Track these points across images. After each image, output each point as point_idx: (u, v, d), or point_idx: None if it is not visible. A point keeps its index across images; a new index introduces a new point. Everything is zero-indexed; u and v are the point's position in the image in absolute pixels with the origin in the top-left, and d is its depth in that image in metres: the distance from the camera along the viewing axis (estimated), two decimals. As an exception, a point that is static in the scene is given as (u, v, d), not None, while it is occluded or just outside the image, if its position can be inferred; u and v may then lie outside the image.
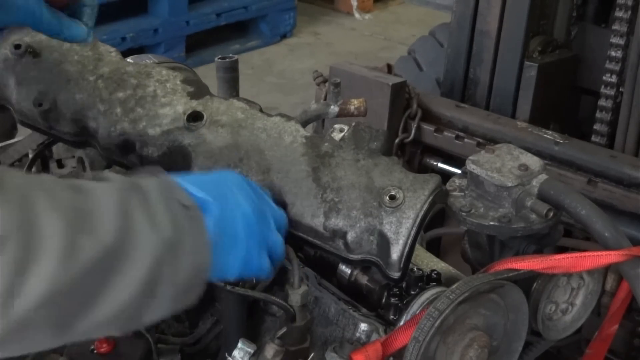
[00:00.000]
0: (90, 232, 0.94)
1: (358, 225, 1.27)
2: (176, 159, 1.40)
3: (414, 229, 1.25)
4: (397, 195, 1.27)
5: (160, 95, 1.45)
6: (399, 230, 1.25)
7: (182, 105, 1.44)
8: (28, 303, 0.89)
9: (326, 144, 1.37)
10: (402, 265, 1.25)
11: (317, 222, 1.29)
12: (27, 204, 0.90)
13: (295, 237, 1.31)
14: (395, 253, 1.25)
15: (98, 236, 0.95)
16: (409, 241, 1.25)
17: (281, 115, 1.43)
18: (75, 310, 0.95)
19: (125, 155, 1.45)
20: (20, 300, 0.88)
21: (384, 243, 1.26)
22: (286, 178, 1.33)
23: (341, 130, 1.41)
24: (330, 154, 1.35)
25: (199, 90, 1.47)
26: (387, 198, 1.27)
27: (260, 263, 1.19)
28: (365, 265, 1.35)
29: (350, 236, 1.28)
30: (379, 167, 1.32)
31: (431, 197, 1.27)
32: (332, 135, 1.41)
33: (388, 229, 1.26)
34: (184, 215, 1.07)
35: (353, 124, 1.40)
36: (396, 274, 1.26)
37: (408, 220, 1.25)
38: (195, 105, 1.44)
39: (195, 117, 1.42)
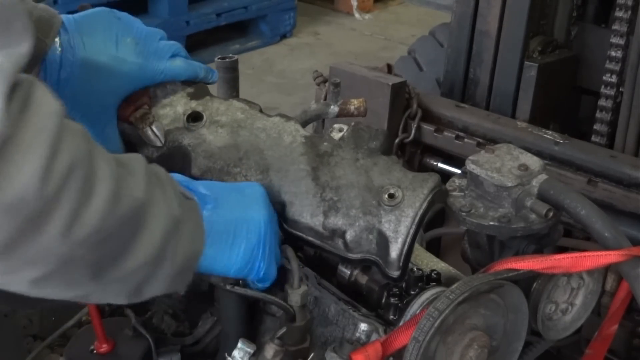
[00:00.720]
0: (127, 187, 1.00)
1: (357, 224, 1.27)
2: (176, 159, 1.40)
3: (413, 227, 1.25)
4: (396, 194, 1.27)
5: (160, 96, 1.45)
6: (398, 228, 1.25)
7: (182, 105, 1.44)
8: (81, 234, 0.92)
9: (325, 144, 1.36)
10: (401, 264, 1.25)
11: (317, 221, 1.29)
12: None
13: (295, 236, 1.31)
14: (394, 251, 1.25)
15: (132, 192, 1.00)
16: (408, 239, 1.25)
17: (281, 115, 1.43)
18: (111, 255, 1.00)
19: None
20: (77, 229, 0.92)
21: (383, 242, 1.26)
22: (285, 177, 1.33)
23: (340, 130, 1.41)
24: (330, 153, 1.35)
25: (198, 91, 1.47)
26: (386, 197, 1.27)
27: (266, 268, 1.23)
28: (364, 265, 1.35)
29: (349, 235, 1.28)
30: (378, 166, 1.32)
31: (430, 196, 1.27)
32: (332, 134, 1.41)
33: (387, 228, 1.25)
34: (185, 202, 1.13)
35: (353, 123, 1.40)
36: (395, 273, 1.26)
37: (407, 218, 1.25)
38: (195, 105, 1.44)
39: (195, 117, 1.42)
